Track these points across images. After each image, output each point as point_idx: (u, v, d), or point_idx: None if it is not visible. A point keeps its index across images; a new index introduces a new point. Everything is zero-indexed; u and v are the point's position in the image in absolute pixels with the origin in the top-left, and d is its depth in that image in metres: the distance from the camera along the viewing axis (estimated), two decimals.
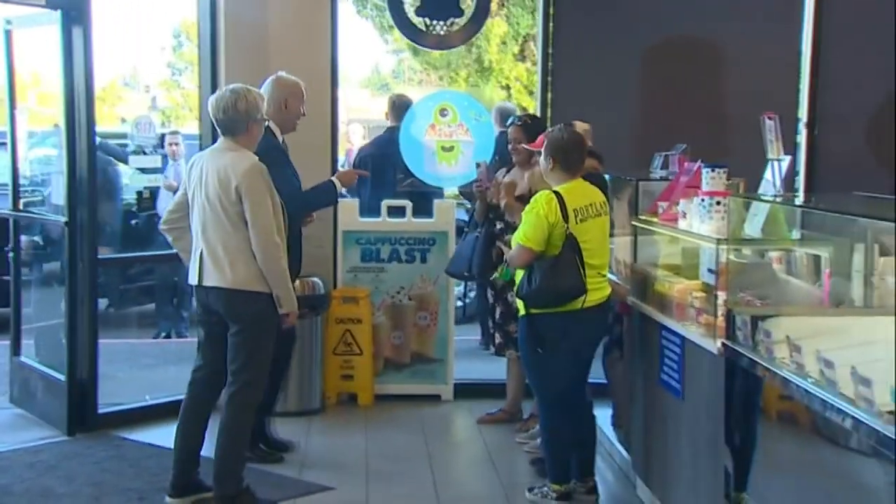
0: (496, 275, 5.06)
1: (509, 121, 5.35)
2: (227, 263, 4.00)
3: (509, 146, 5.17)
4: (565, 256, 3.95)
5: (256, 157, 4.07)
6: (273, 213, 4.02)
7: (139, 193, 6.78)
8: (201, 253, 4.07)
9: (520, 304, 4.15)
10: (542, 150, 4.15)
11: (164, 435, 5.06)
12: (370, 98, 18.67)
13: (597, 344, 4.33)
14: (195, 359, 4.26)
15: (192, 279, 4.13)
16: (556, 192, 4.01)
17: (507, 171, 5.27)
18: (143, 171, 6.70)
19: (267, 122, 4.29)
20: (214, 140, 4.29)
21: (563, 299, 3.98)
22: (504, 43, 15.10)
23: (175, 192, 7.11)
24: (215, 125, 4.14)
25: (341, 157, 8.38)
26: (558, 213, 3.95)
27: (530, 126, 5.04)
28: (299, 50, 5.69)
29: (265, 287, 4.01)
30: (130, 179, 7.23)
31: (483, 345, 5.56)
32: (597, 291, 4.06)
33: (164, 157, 7.15)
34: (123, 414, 5.36)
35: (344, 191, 5.04)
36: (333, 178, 4.90)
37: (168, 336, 7.61)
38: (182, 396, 4.24)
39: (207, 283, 4.06)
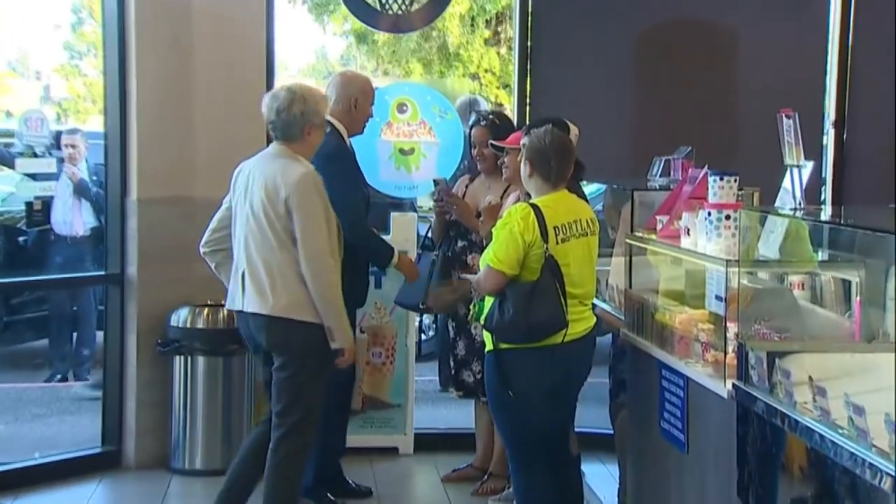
0: (469, 317, 5.02)
1: (471, 120, 5.39)
2: (269, 287, 4.13)
3: (473, 150, 5.22)
4: (544, 283, 3.96)
5: (312, 167, 4.23)
6: (328, 231, 4.13)
7: (29, 205, 6.71)
8: (243, 273, 4.20)
9: (487, 337, 4.15)
10: (522, 152, 4.17)
11: (59, 500, 5.03)
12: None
13: (580, 384, 4.35)
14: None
15: (232, 303, 4.28)
16: (533, 206, 4.02)
17: (471, 181, 5.31)
18: (33, 177, 6.64)
19: (333, 123, 4.60)
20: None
21: (540, 334, 3.99)
22: (472, 25, 15.01)
23: (77, 182, 7.11)
24: (268, 128, 4.30)
25: None
26: (536, 231, 3.95)
27: (499, 126, 5.08)
28: (227, 30, 5.68)
29: (313, 317, 4.12)
30: (17, 188, 7.17)
31: (442, 387, 5.57)
32: (579, 322, 4.09)
33: (60, 160, 7.10)
34: (6, 475, 5.27)
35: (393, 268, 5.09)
36: (398, 252, 5.01)
37: (64, 379, 7.52)
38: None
39: (248, 308, 4.19)
